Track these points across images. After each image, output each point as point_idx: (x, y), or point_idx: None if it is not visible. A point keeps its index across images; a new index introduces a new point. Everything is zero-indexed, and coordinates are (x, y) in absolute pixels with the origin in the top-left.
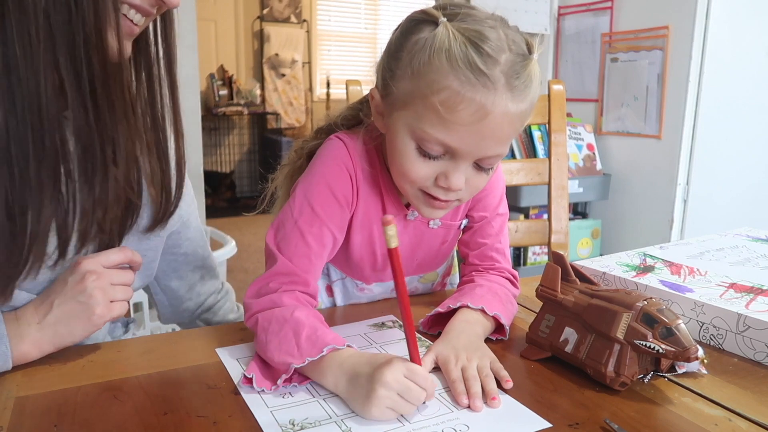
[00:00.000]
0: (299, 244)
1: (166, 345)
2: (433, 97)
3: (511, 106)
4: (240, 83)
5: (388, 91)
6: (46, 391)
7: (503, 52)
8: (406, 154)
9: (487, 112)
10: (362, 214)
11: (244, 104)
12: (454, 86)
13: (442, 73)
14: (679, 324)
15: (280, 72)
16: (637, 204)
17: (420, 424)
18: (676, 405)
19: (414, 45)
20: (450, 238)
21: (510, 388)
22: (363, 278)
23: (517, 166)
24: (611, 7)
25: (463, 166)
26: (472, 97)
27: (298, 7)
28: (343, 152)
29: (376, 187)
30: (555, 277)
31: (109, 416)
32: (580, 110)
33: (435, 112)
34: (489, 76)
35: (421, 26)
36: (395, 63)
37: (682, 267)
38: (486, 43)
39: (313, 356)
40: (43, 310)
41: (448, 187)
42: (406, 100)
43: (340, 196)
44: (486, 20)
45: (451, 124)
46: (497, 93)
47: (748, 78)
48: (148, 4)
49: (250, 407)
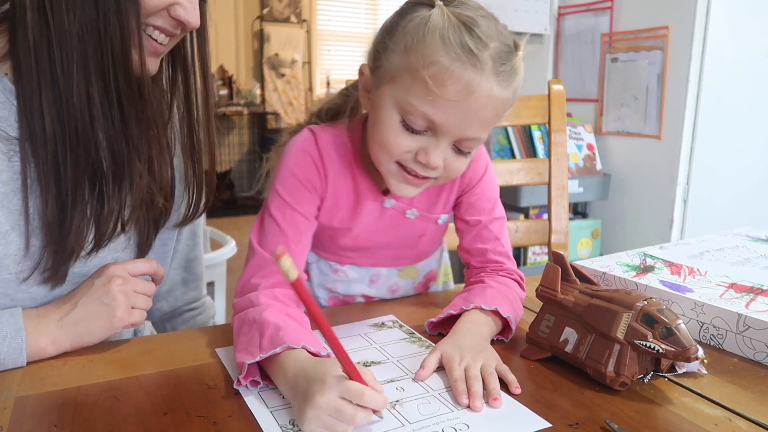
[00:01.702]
0: (275, 233)
1: (166, 345)
2: (423, 71)
3: (496, 90)
4: (240, 83)
5: (378, 64)
6: (46, 391)
7: (492, 39)
8: (389, 126)
9: (472, 91)
10: (332, 199)
11: (244, 104)
12: (444, 62)
13: (434, 49)
14: (679, 324)
15: (280, 72)
16: (637, 204)
17: (420, 424)
18: (676, 405)
19: (409, 22)
20: (429, 233)
21: (519, 393)
22: (336, 258)
23: (517, 166)
24: (611, 7)
25: (443, 144)
26: (461, 75)
27: (298, 7)
28: (308, 142)
29: (349, 172)
30: (555, 277)
31: (109, 416)
32: (580, 110)
33: (423, 85)
34: (478, 57)
35: (418, 8)
36: (390, 37)
37: (682, 267)
38: (478, 28)
39: (264, 353)
40: (66, 309)
41: (427, 163)
42: (395, 73)
43: (305, 182)
44: (479, 10)
45: (438, 98)
46: (484, 74)
47: (748, 78)
48: (171, 26)
49: (250, 407)
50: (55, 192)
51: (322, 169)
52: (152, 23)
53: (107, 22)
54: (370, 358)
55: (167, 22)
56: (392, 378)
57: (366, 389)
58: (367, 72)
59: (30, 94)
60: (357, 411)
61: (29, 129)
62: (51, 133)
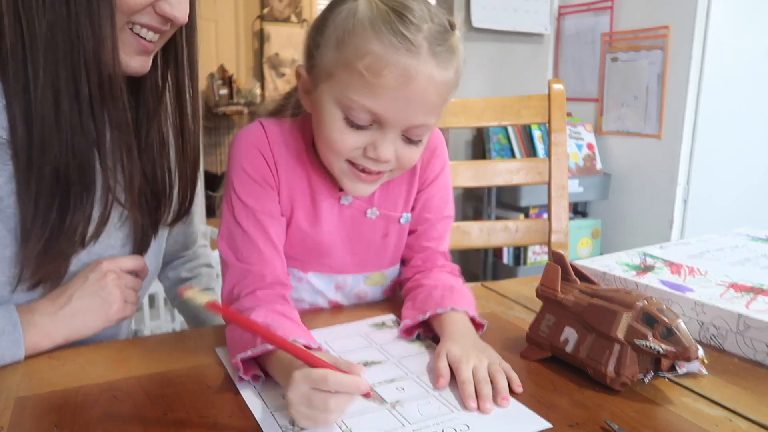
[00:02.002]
0: (243, 239)
1: (166, 345)
2: (357, 63)
3: (436, 73)
4: (240, 83)
5: (312, 64)
6: (46, 391)
7: (425, 21)
8: (333, 125)
9: (411, 76)
10: (286, 196)
11: (244, 104)
12: (378, 50)
13: (366, 38)
14: (679, 324)
15: (280, 72)
16: (637, 204)
17: (420, 424)
18: (677, 405)
19: (337, 15)
20: (392, 234)
21: (520, 392)
22: (299, 264)
23: (517, 165)
24: (611, 7)
25: (391, 136)
26: (396, 61)
27: (298, 7)
28: (255, 134)
29: (302, 168)
30: (555, 276)
31: (109, 416)
32: (580, 110)
33: (360, 77)
34: (412, 40)
35: (345, 0)
36: (320, 34)
37: (682, 267)
38: (408, 11)
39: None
40: (61, 303)
41: (377, 157)
42: (330, 70)
43: (258, 178)
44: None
45: (377, 88)
46: (420, 57)
47: (748, 78)
48: (158, 23)
49: (250, 407)
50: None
51: (272, 161)
52: (138, 21)
53: (78, 24)
54: (370, 358)
55: (154, 18)
56: (392, 378)
57: (330, 374)
58: (303, 73)
59: (9, 97)
60: (328, 397)
61: (11, 133)
62: (23, 138)
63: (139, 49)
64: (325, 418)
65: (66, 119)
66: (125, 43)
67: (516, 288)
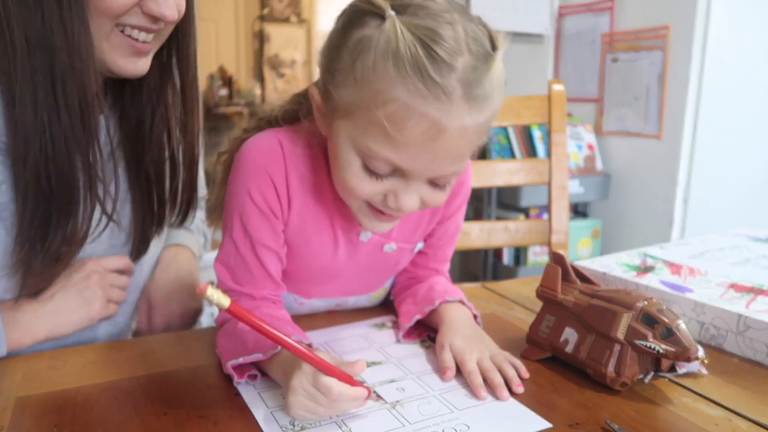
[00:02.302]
0: (237, 258)
1: (166, 345)
2: (378, 111)
3: (468, 120)
4: (240, 83)
5: (328, 91)
6: (46, 391)
7: (460, 54)
8: (350, 170)
9: (440, 130)
10: (296, 225)
11: (244, 104)
12: (403, 98)
13: (389, 81)
14: (679, 324)
15: (280, 72)
16: (637, 204)
17: (420, 424)
18: (677, 405)
19: (357, 44)
20: (404, 260)
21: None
22: (301, 292)
23: (517, 166)
24: (611, 7)
25: (415, 185)
26: (424, 112)
27: (299, 7)
28: (268, 154)
29: (319, 197)
30: (555, 277)
31: (109, 416)
32: (580, 110)
33: (380, 127)
34: (443, 86)
35: (366, 19)
36: (336, 62)
37: (683, 267)
38: (440, 44)
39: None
40: (43, 300)
41: (398, 207)
42: (348, 109)
43: (265, 208)
44: (442, 13)
45: (400, 142)
46: (452, 106)
47: (748, 78)
48: (148, 22)
49: (250, 407)
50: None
51: (284, 191)
52: (126, 23)
53: (52, 35)
54: (370, 358)
55: (142, 19)
56: (392, 378)
57: (335, 385)
58: (317, 97)
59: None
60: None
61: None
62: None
63: (133, 51)
64: (324, 412)
65: (45, 130)
66: (117, 45)
67: (516, 288)
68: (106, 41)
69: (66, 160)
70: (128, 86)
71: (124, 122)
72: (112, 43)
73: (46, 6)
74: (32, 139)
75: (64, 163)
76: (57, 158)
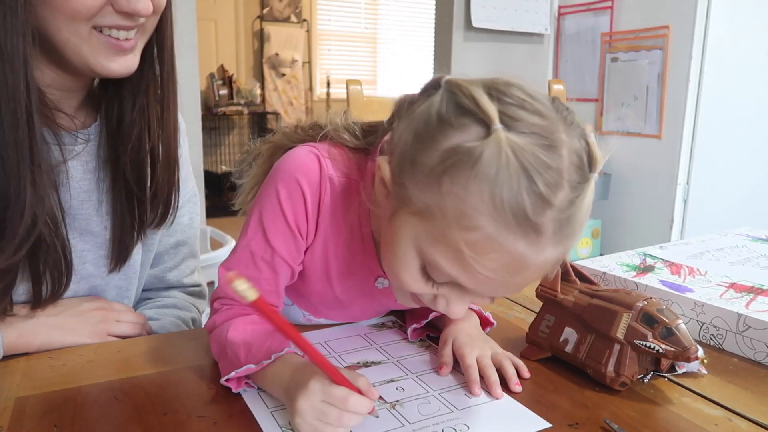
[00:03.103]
0: (249, 267)
1: (166, 345)
2: (459, 233)
3: (552, 255)
4: (240, 83)
5: (402, 185)
6: (46, 391)
7: (560, 189)
8: (405, 267)
9: (523, 266)
10: (319, 252)
11: (244, 104)
12: (490, 229)
13: (479, 208)
14: (679, 324)
15: (280, 72)
16: (637, 204)
17: (420, 424)
18: (676, 405)
19: (452, 152)
20: None
21: (519, 392)
22: (311, 311)
23: None
24: (611, 7)
25: (469, 297)
26: (510, 249)
27: (298, 7)
28: (308, 175)
29: (347, 233)
30: (555, 277)
31: (109, 416)
32: (580, 110)
33: (456, 250)
34: (536, 225)
35: (467, 122)
36: (421, 155)
37: (682, 267)
38: (543, 176)
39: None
40: (48, 313)
41: (448, 314)
42: (422, 210)
43: (291, 223)
44: (550, 133)
45: (474, 270)
46: (540, 244)
47: (748, 78)
48: (123, 20)
49: (250, 407)
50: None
51: (314, 216)
52: (102, 23)
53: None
54: (370, 358)
55: (117, 17)
56: (392, 378)
57: (351, 395)
58: (386, 173)
59: None
60: (342, 413)
61: None
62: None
63: (116, 50)
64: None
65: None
66: (98, 47)
67: None
68: (86, 45)
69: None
70: (109, 83)
71: (108, 121)
72: (92, 46)
73: None
74: None
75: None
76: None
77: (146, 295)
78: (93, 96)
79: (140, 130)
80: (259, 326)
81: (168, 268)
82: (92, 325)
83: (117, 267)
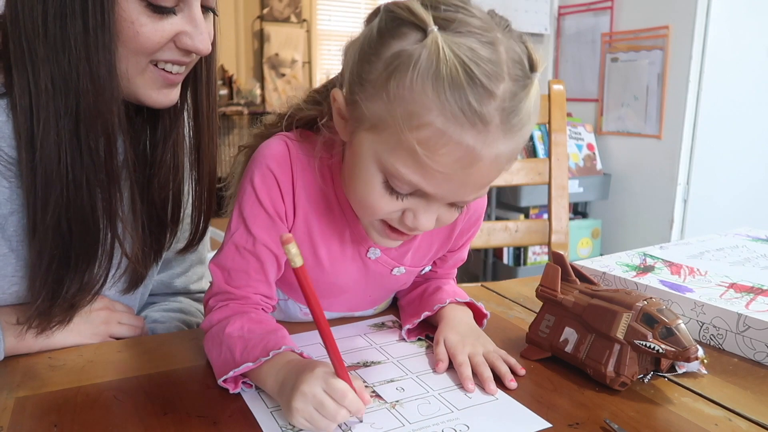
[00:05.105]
0: (235, 259)
1: (166, 345)
2: (410, 134)
3: (503, 148)
4: (240, 83)
5: (354, 99)
6: (46, 391)
7: (501, 80)
8: (369, 186)
9: (475, 158)
10: (302, 232)
11: (244, 104)
12: (438, 124)
13: (425, 104)
14: (679, 324)
15: (280, 72)
16: (637, 204)
17: (420, 424)
18: (676, 405)
19: (394, 58)
20: (411, 279)
21: (523, 374)
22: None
23: (517, 166)
24: (611, 7)
25: (435, 206)
26: (459, 140)
27: (298, 7)
28: (277, 158)
29: (327, 207)
30: (555, 277)
31: (109, 416)
32: (580, 110)
33: (411, 151)
34: (482, 114)
35: (405, 30)
36: (367, 72)
37: (682, 267)
38: (481, 68)
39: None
40: None
41: (416, 227)
42: (376, 123)
43: (269, 208)
44: (485, 32)
45: (430, 168)
46: (489, 134)
47: (748, 78)
48: (181, 56)
49: (250, 407)
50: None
51: (290, 197)
52: (161, 58)
53: (78, 77)
54: (370, 358)
55: (177, 53)
56: (392, 378)
57: (350, 391)
58: (340, 100)
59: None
60: (339, 409)
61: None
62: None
63: (165, 84)
64: (326, 426)
65: (68, 173)
66: (151, 80)
67: (516, 288)
68: (140, 76)
69: (88, 204)
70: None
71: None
72: (146, 78)
73: (74, 48)
74: (54, 184)
75: (86, 207)
76: (79, 203)
77: (152, 299)
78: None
79: (171, 161)
80: (256, 325)
81: (176, 274)
82: (95, 326)
83: (131, 290)
